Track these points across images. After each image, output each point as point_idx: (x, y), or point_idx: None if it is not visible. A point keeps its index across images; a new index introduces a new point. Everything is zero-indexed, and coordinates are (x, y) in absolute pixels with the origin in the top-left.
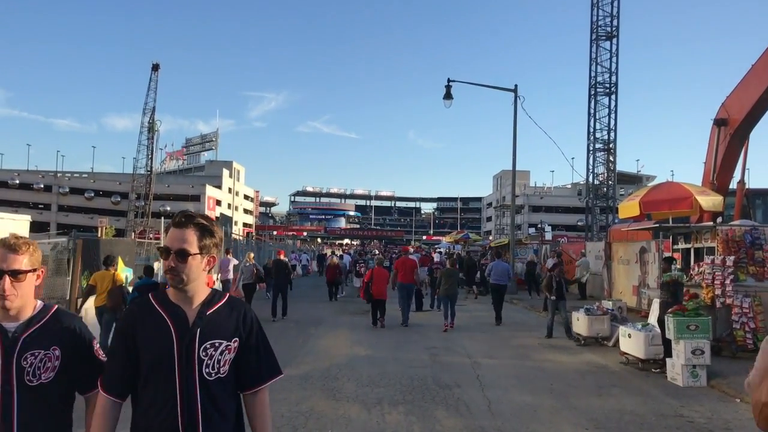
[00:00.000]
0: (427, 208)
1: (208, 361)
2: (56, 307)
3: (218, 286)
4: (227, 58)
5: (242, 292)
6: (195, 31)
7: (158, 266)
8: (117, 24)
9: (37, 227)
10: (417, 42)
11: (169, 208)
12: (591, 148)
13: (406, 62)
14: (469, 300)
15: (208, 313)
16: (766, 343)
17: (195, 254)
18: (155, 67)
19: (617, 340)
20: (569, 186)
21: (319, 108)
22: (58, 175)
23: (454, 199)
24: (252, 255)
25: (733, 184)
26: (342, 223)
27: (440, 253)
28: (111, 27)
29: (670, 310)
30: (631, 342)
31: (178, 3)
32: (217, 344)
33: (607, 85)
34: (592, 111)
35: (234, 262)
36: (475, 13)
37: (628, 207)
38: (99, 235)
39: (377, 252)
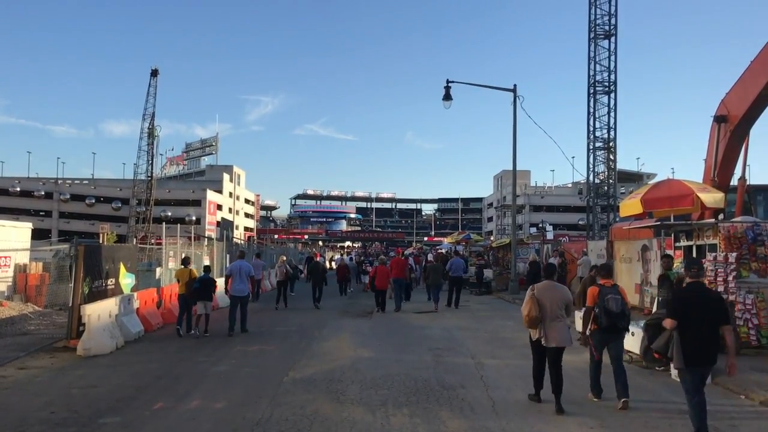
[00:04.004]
0: (428, 209)
1: None
2: None
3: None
4: (223, 61)
5: (276, 286)
6: (190, 36)
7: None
8: (113, 30)
9: (38, 234)
10: (413, 44)
11: (170, 213)
12: (591, 147)
13: (401, 64)
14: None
15: None
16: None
17: None
18: (154, 73)
19: None
20: (570, 185)
21: (315, 111)
22: (59, 181)
23: (455, 200)
24: (284, 258)
25: (734, 181)
26: (343, 225)
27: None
28: (107, 33)
29: None
30: (635, 340)
31: (173, 8)
32: None
33: (606, 84)
34: (591, 110)
35: (263, 264)
36: (473, 15)
37: (630, 205)
38: (100, 241)
39: (382, 255)
